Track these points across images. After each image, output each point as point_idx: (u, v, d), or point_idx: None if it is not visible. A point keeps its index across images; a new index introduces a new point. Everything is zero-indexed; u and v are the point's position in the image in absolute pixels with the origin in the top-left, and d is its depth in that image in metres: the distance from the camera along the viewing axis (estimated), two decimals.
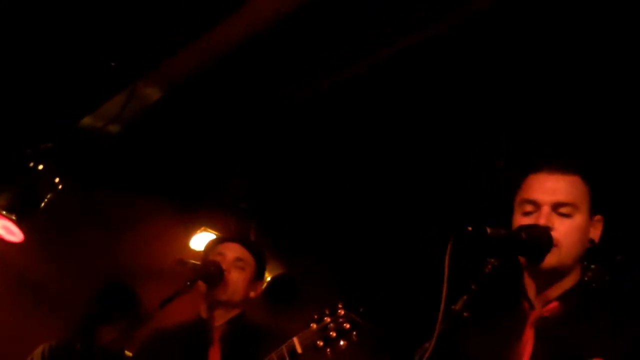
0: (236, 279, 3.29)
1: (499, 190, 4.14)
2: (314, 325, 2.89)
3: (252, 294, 3.38)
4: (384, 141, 4.30)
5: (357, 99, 4.00)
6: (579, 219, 2.20)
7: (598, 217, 2.26)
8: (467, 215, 4.23)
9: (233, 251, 3.34)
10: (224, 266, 3.26)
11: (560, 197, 2.21)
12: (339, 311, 2.88)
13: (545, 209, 2.20)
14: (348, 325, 2.83)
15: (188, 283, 3.08)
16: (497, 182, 4.12)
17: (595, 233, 2.25)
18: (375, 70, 3.70)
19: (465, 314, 2.04)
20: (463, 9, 3.22)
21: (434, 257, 2.20)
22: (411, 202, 4.67)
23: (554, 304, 2.20)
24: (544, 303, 2.22)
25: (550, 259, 2.16)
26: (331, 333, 2.84)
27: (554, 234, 2.17)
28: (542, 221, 2.18)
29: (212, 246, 3.47)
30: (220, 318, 3.32)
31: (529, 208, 2.24)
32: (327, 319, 2.88)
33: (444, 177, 4.36)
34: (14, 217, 4.19)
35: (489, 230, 2.12)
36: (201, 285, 3.26)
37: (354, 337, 2.84)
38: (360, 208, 4.89)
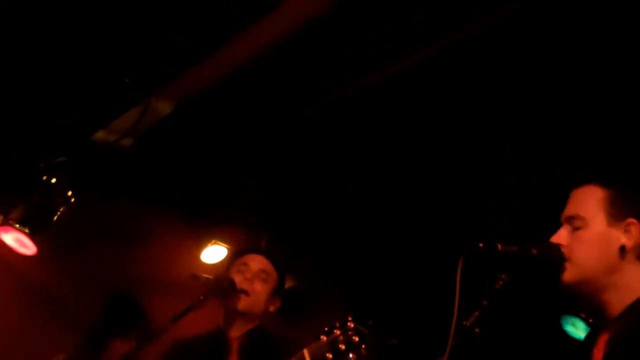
0: (259, 290, 3.30)
1: (509, 201, 4.16)
2: (323, 338, 2.89)
3: (271, 308, 3.40)
4: (397, 154, 4.32)
5: (364, 113, 4.03)
6: (591, 229, 2.13)
7: (629, 220, 2.11)
8: (475, 227, 4.23)
9: (258, 262, 3.36)
10: (248, 275, 3.29)
11: (570, 211, 2.19)
12: (349, 324, 2.88)
13: (563, 226, 2.19)
14: (357, 339, 2.83)
15: (201, 297, 3.10)
16: (505, 193, 4.14)
17: (628, 238, 2.09)
18: (381, 79, 3.72)
19: (476, 329, 2.04)
20: (468, 20, 3.24)
21: (445, 271, 2.21)
22: (424, 215, 4.68)
23: (616, 323, 2.08)
24: (610, 323, 2.10)
25: (565, 275, 2.13)
26: (340, 346, 2.85)
27: (564, 249, 2.13)
28: (552, 238, 2.18)
29: (235, 256, 3.48)
30: (239, 329, 3.32)
31: None
32: (337, 332, 2.88)
33: (453, 187, 4.38)
34: (27, 230, 4.21)
35: (499, 246, 2.13)
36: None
37: (362, 350, 2.85)
38: (372, 221, 4.90)
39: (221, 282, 3.24)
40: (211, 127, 4.36)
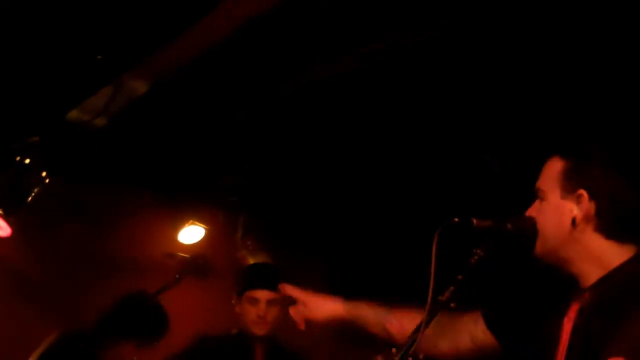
0: (273, 316, 3.71)
1: (493, 187, 4.18)
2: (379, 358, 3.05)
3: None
4: (376, 135, 4.31)
5: (346, 93, 4.00)
6: (548, 201, 2.14)
7: (579, 191, 2.08)
8: (458, 207, 4.24)
9: (265, 295, 3.71)
10: (261, 313, 3.67)
11: (536, 183, 2.20)
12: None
13: (536, 199, 2.20)
14: None
15: (177, 276, 3.11)
16: (491, 179, 4.15)
17: (578, 209, 2.08)
18: (366, 66, 3.70)
19: (452, 304, 2.05)
20: (458, 7, 3.22)
21: (420, 246, 2.22)
22: (400, 194, 4.69)
23: (586, 295, 2.07)
24: (581, 293, 2.10)
25: (535, 247, 2.15)
26: None
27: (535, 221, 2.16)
28: (527, 211, 2.20)
29: (244, 288, 3.80)
30: (259, 336, 3.71)
31: None
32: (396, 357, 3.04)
33: (436, 171, 4.39)
34: (1, 212, 4.17)
35: (475, 221, 2.14)
36: (239, 306, 3.70)
37: None
38: (350, 201, 4.90)
39: (197, 262, 3.25)
40: (187, 106, 4.32)
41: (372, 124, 4.20)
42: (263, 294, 3.74)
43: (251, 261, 4.94)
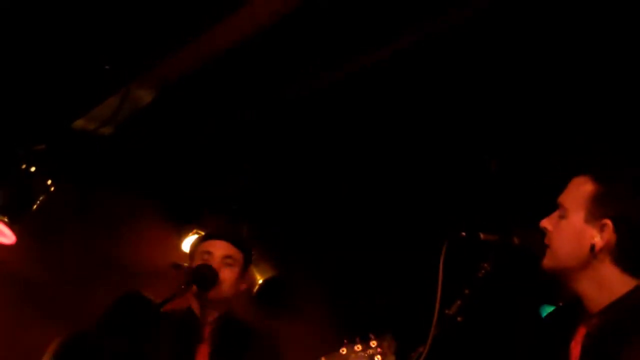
0: (227, 277, 3.26)
1: (493, 191, 4.19)
2: (343, 350, 2.80)
3: (242, 287, 3.39)
4: (377, 142, 4.32)
5: (347, 100, 4.02)
6: (569, 222, 2.11)
7: (604, 221, 2.05)
8: (460, 216, 4.25)
9: (221, 249, 3.30)
10: (214, 265, 3.24)
11: (560, 197, 2.18)
12: (371, 342, 2.78)
13: (556, 210, 2.18)
14: (380, 358, 2.77)
15: (182, 287, 3.09)
16: (490, 182, 4.16)
17: (600, 238, 2.05)
18: (366, 70, 3.71)
19: (459, 318, 2.06)
20: (458, 8, 3.23)
21: (427, 259, 2.22)
22: (404, 203, 4.69)
23: (594, 320, 2.06)
24: (589, 317, 2.09)
25: (544, 261, 2.14)
26: None
27: (549, 234, 2.14)
28: (542, 221, 2.18)
29: (197, 243, 3.43)
30: (211, 314, 3.31)
31: None
32: (359, 347, 2.79)
33: (438, 178, 4.40)
34: (6, 219, 4.18)
35: (482, 235, 2.15)
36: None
37: None
38: (354, 210, 4.90)
39: (203, 271, 3.22)
40: (192, 115, 4.34)
41: (372, 126, 4.21)
42: (218, 246, 3.28)
43: (255, 271, 4.95)
